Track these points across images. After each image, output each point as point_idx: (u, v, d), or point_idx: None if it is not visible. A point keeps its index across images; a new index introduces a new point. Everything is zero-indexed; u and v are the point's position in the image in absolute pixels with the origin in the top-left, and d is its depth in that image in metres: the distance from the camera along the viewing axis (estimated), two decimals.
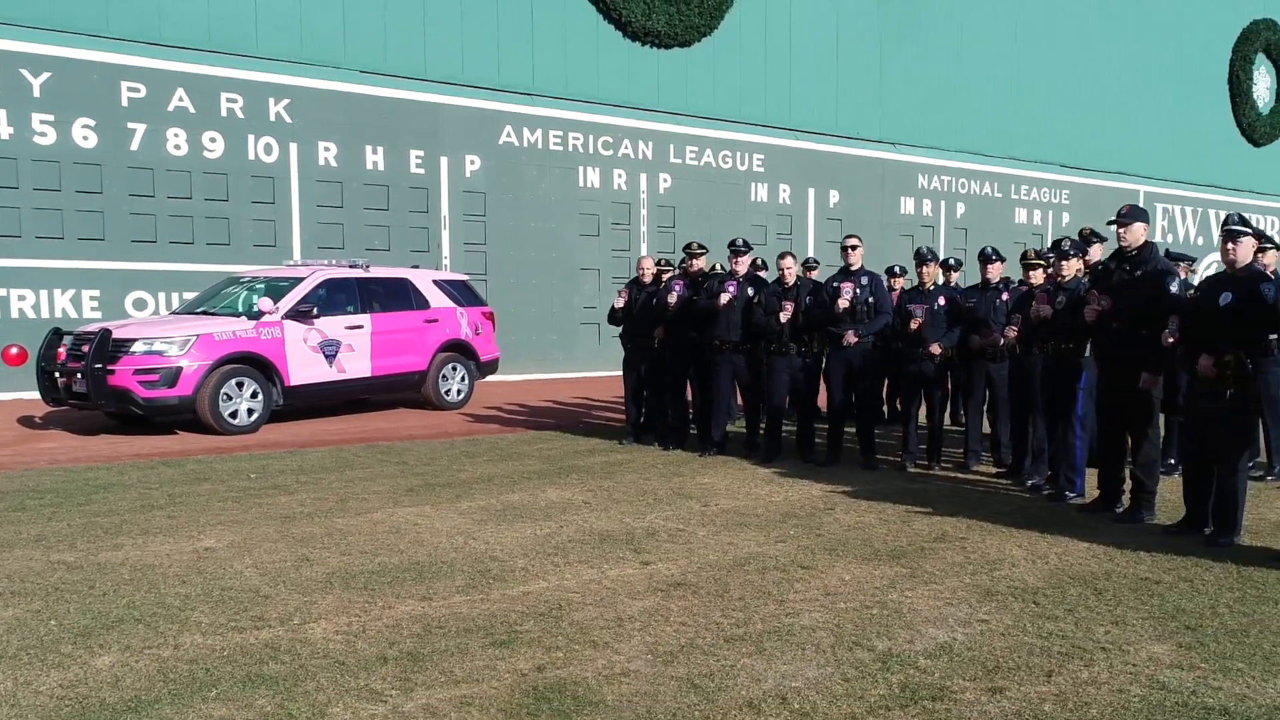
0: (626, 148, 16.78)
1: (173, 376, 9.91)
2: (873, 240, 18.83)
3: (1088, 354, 7.06)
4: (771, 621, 4.67)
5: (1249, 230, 6.00)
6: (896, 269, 10.78)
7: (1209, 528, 6.12)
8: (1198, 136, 25.73)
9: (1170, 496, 6.95)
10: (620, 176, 16.65)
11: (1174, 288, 6.41)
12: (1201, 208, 26.00)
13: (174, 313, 11.76)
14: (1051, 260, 7.59)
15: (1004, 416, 8.34)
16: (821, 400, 9.00)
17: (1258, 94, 26.96)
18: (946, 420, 9.35)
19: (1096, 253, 8.09)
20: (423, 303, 11.89)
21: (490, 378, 13.59)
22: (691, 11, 16.76)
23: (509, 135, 15.69)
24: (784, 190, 18.52)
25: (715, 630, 4.55)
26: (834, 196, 19.25)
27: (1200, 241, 25.92)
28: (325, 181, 14.37)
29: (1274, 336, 5.98)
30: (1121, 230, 6.63)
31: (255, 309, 10.58)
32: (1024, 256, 8.03)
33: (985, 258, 8.49)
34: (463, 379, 12.31)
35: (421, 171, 15.01)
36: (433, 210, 15.10)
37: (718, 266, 9.98)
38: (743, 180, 18.09)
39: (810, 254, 18.31)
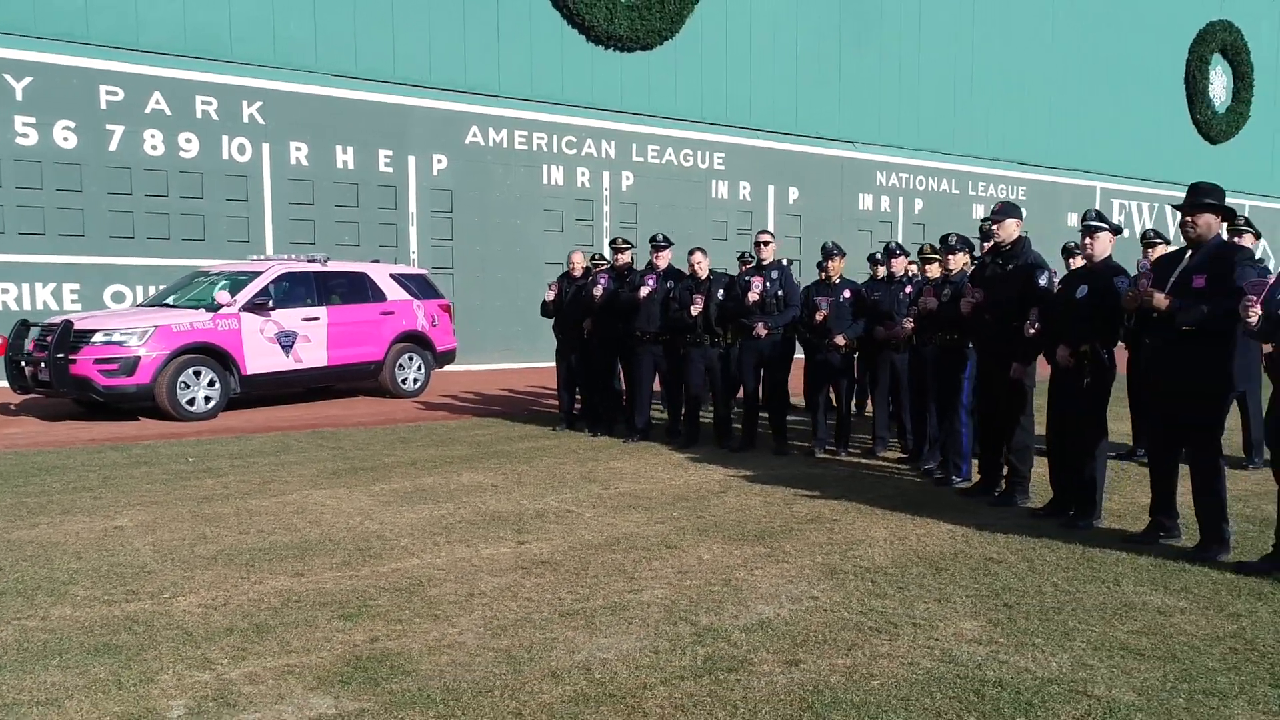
0: (590, 147, 16.76)
1: (131, 366, 10.02)
2: (831, 235, 18.77)
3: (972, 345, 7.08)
4: (613, 598, 4.70)
5: (1106, 225, 6.00)
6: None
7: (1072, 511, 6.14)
8: (1154, 134, 25.50)
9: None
10: (584, 174, 16.65)
11: (1042, 281, 6.41)
12: (1158, 203, 25.71)
13: (141, 305, 11.85)
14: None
15: (906, 405, 8.36)
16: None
17: (1214, 93, 26.72)
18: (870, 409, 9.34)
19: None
20: (379, 296, 11.96)
21: (456, 367, 13.68)
22: (653, 16, 16.71)
23: (475, 135, 15.71)
24: (744, 187, 18.47)
25: (555, 605, 4.59)
26: (794, 193, 19.16)
27: (1155, 235, 25.65)
28: (297, 180, 14.43)
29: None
30: (995, 226, 6.64)
31: (214, 302, 10.68)
32: (920, 251, 8.03)
33: (889, 252, 8.51)
34: (419, 368, 12.38)
35: (390, 170, 15.05)
36: (401, 207, 15.14)
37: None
38: (704, 178, 18.04)
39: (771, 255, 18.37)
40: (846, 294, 8.32)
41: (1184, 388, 5.31)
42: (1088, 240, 5.97)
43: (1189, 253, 5.45)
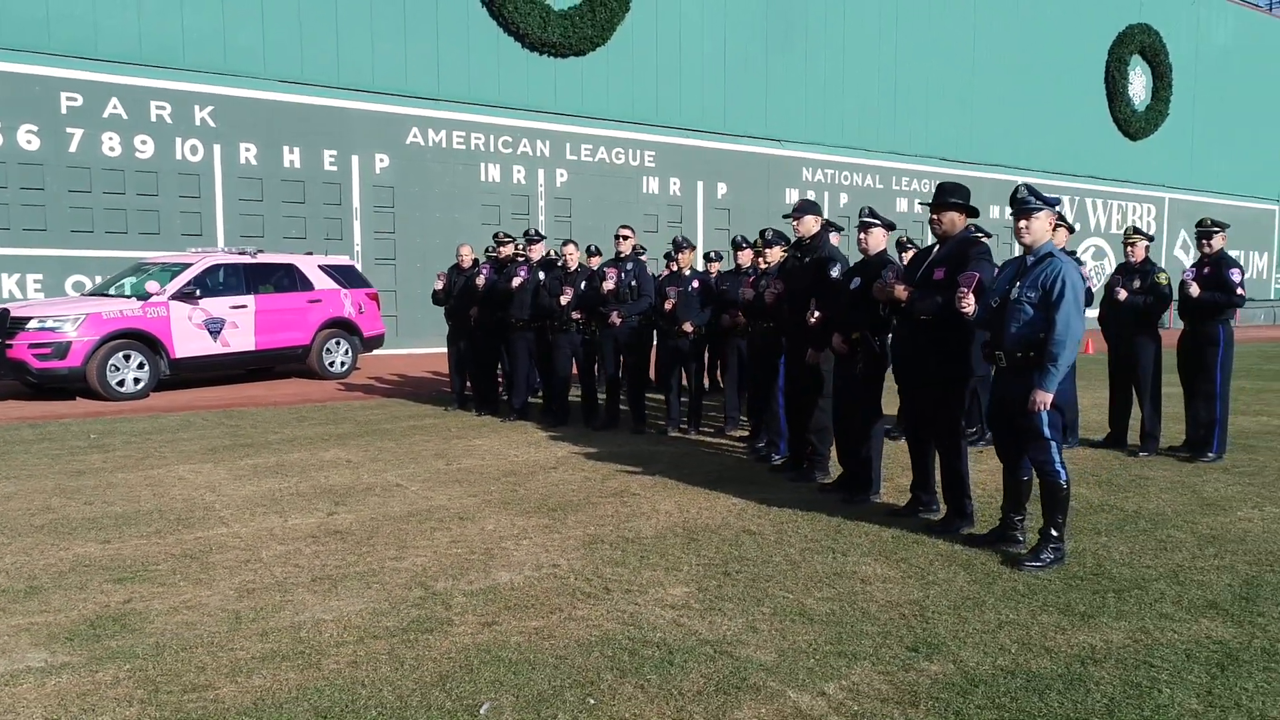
0: (525, 146, 16.65)
1: (63, 350, 10.09)
2: (758, 228, 18.66)
3: None
4: (373, 565, 4.72)
5: (878, 221, 5.98)
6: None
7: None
8: (1076, 131, 25.19)
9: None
10: (519, 172, 16.56)
11: (834, 272, 6.36)
12: (1079, 197, 25.51)
13: (84, 295, 11.90)
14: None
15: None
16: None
17: (1133, 92, 26.35)
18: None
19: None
20: (307, 285, 11.99)
21: (395, 350, 13.73)
22: (585, 24, 16.58)
23: (415, 136, 15.65)
24: (674, 183, 18.35)
25: (315, 572, 4.62)
26: (722, 189, 19.02)
27: (1077, 227, 25.44)
28: (246, 178, 14.42)
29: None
30: (795, 222, 6.60)
31: (144, 291, 10.72)
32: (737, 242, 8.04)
33: (736, 245, 8.47)
34: (346, 352, 12.42)
35: (335, 169, 15.02)
36: (345, 203, 15.12)
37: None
38: (635, 175, 17.92)
39: (700, 241, 18.31)
40: (695, 284, 8.29)
41: (925, 373, 5.31)
42: (862, 235, 5.95)
43: (937, 246, 5.44)
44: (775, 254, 7.25)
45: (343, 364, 12.37)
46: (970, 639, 3.74)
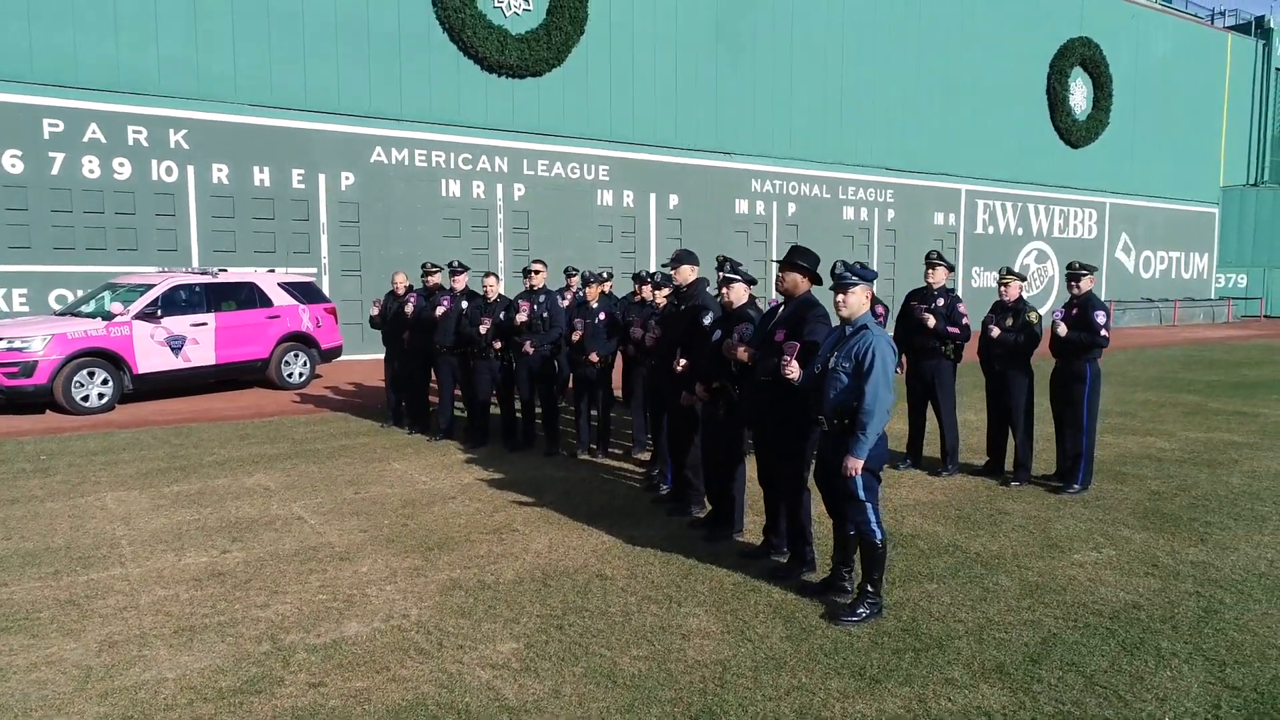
0: (484, 162, 16.44)
1: (30, 368, 10.05)
2: (709, 237, 18.63)
3: None
4: (238, 614, 4.66)
5: (739, 277, 5.89)
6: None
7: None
8: (1019, 140, 24.90)
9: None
10: (479, 187, 16.37)
11: (706, 321, 6.29)
12: (1022, 203, 25.25)
13: (55, 314, 11.83)
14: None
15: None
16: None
17: (1074, 102, 25.96)
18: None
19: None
20: (267, 302, 11.92)
21: (359, 357, 13.67)
22: (541, 47, 16.33)
23: (379, 155, 15.47)
24: (628, 196, 18.12)
25: (181, 621, 4.55)
26: (674, 200, 18.81)
27: (1020, 232, 25.34)
28: (219, 197, 14.28)
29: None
30: (673, 272, 6.53)
31: (108, 311, 10.67)
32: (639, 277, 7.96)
33: (638, 279, 8.40)
34: (304, 364, 12.37)
35: (302, 187, 14.87)
36: (312, 219, 14.98)
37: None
38: (589, 188, 17.72)
39: (653, 255, 18.22)
40: (602, 316, 8.23)
41: (766, 430, 5.27)
42: (724, 290, 5.87)
43: (782, 306, 5.37)
44: (661, 295, 7.19)
45: (301, 375, 12.33)
46: (752, 708, 3.72)
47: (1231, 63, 30.94)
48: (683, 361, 6.02)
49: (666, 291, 7.17)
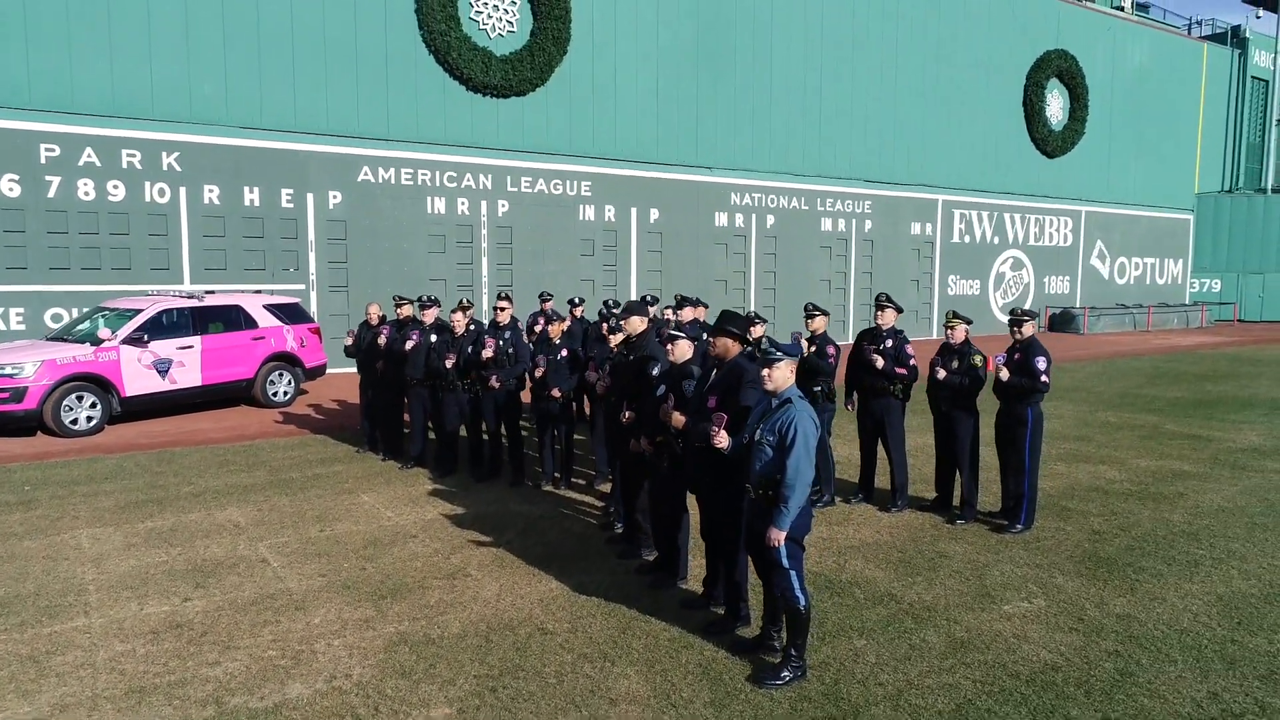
0: (469, 180, 16.38)
1: (20, 394, 10.07)
2: (690, 250, 18.56)
3: None
4: (189, 672, 4.65)
5: (683, 336, 5.87)
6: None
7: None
8: (995, 150, 24.76)
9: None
10: (464, 204, 16.32)
11: (654, 371, 6.29)
12: (998, 212, 25.16)
13: (48, 338, 11.82)
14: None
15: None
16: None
17: (1051, 113, 25.80)
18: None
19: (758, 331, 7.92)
20: (252, 323, 11.92)
21: (347, 370, 13.63)
22: (525, 68, 16.25)
23: (366, 174, 15.43)
24: (609, 210, 18.06)
25: (134, 680, 4.57)
26: (654, 214, 18.73)
27: (996, 241, 25.25)
28: (210, 217, 14.26)
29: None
30: (624, 322, 6.52)
31: (96, 337, 10.68)
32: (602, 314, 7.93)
33: (602, 316, 8.39)
34: (289, 383, 12.38)
35: (291, 206, 14.84)
36: (301, 237, 14.95)
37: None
38: (572, 203, 17.65)
39: (634, 269, 18.15)
40: (564, 353, 8.22)
41: (705, 490, 5.28)
42: (669, 346, 5.87)
43: (715, 370, 5.35)
44: (613, 340, 7.16)
45: (285, 394, 12.35)
46: None
47: (1207, 72, 30.74)
48: (627, 414, 6.02)
49: (618, 339, 7.15)
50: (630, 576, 6.16)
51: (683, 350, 5.85)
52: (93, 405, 10.52)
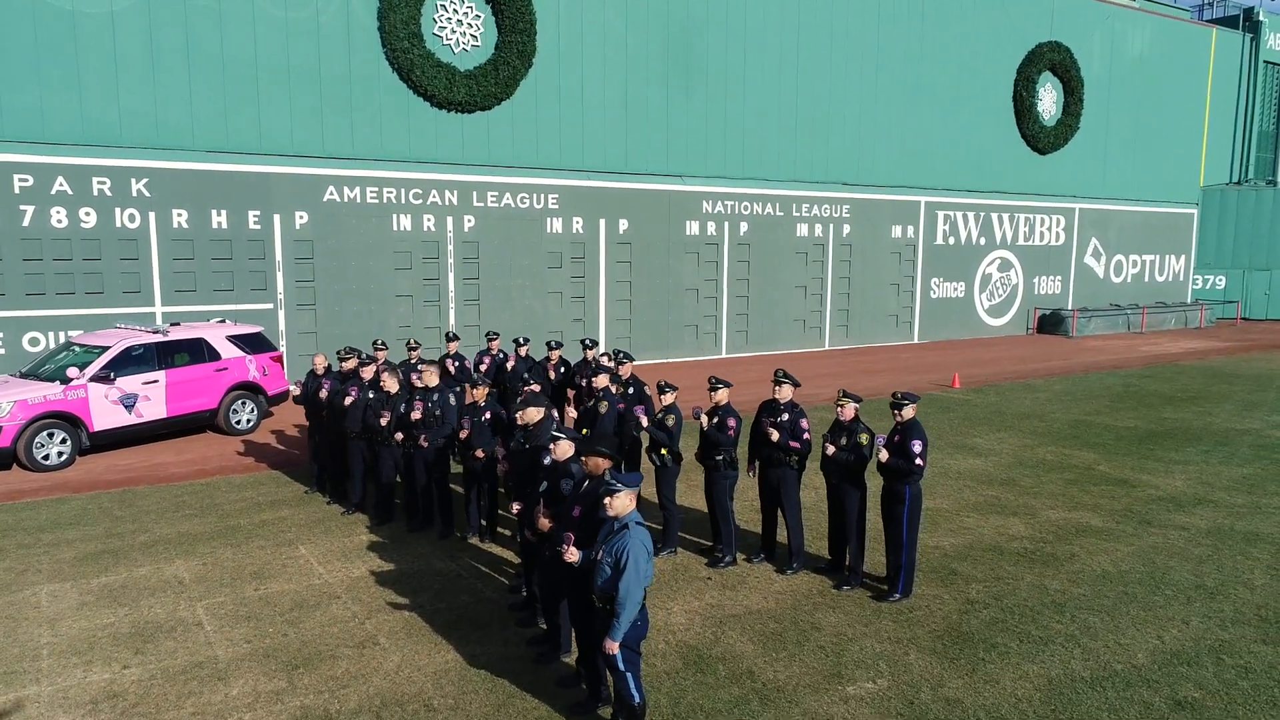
0: (434, 196, 17.09)
1: None
2: (660, 260, 19.17)
3: None
4: None
5: (563, 437, 6.70)
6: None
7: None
8: (982, 149, 24.95)
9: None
10: (429, 220, 17.07)
11: (546, 461, 7.10)
12: (985, 212, 25.47)
13: (20, 375, 12.59)
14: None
15: None
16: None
17: (1043, 108, 25.88)
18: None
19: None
20: (215, 355, 12.86)
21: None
22: (489, 83, 16.84)
23: (332, 194, 16.21)
24: (577, 222, 18.67)
25: None
26: (623, 225, 19.29)
27: (982, 241, 25.63)
28: (179, 240, 15.14)
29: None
30: (520, 415, 7.35)
31: (65, 376, 11.66)
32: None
33: (525, 383, 9.22)
34: (251, 410, 13.36)
35: (258, 227, 15.68)
36: (269, 257, 15.82)
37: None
38: (539, 216, 18.28)
39: (602, 280, 18.79)
40: (487, 415, 9.06)
41: (569, 587, 6.15)
42: (552, 446, 6.68)
43: (586, 482, 6.19)
44: (530, 414, 7.98)
45: (248, 421, 13.35)
46: None
47: (1215, 58, 30.51)
48: (516, 506, 6.89)
49: (530, 412, 7.97)
50: (521, 648, 7.04)
51: (564, 450, 6.69)
52: (63, 441, 11.55)
